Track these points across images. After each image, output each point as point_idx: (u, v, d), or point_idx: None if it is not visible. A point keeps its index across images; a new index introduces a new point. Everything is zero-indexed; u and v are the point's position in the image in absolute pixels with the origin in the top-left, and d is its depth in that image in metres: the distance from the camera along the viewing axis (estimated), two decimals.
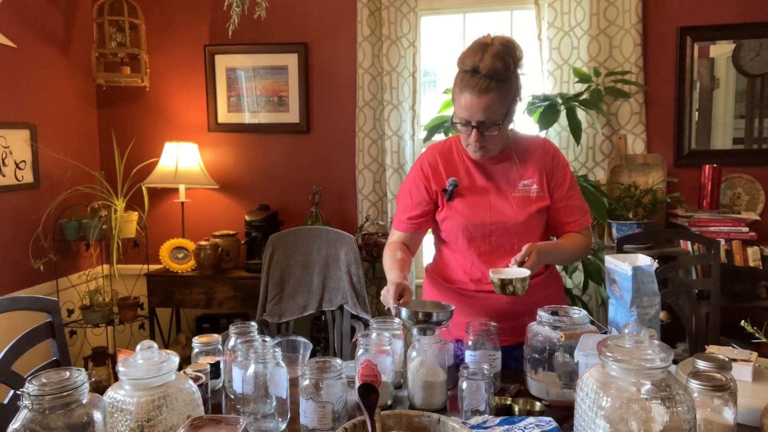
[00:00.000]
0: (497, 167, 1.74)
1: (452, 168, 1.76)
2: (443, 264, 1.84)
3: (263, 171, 3.49)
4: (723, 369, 1.15)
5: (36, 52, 3.09)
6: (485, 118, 1.59)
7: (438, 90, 3.42)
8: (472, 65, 1.58)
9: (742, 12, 3.02)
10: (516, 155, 1.74)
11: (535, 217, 1.71)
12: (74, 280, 3.34)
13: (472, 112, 1.59)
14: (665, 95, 3.12)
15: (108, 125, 3.56)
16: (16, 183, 2.94)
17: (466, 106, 1.59)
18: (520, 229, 1.70)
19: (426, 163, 1.78)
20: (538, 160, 1.74)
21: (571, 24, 3.06)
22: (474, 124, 1.60)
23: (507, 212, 1.70)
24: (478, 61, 1.57)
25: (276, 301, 2.62)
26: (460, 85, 1.61)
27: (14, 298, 1.75)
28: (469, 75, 1.59)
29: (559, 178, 1.74)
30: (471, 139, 1.63)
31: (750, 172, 3.06)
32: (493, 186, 1.73)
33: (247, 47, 3.40)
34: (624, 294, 1.47)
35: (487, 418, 1.26)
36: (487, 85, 1.56)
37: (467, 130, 1.63)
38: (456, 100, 1.64)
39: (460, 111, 1.62)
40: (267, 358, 1.31)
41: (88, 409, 0.99)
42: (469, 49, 1.62)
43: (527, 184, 1.72)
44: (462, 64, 1.62)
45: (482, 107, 1.57)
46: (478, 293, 1.74)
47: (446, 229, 1.76)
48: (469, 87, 1.58)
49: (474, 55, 1.58)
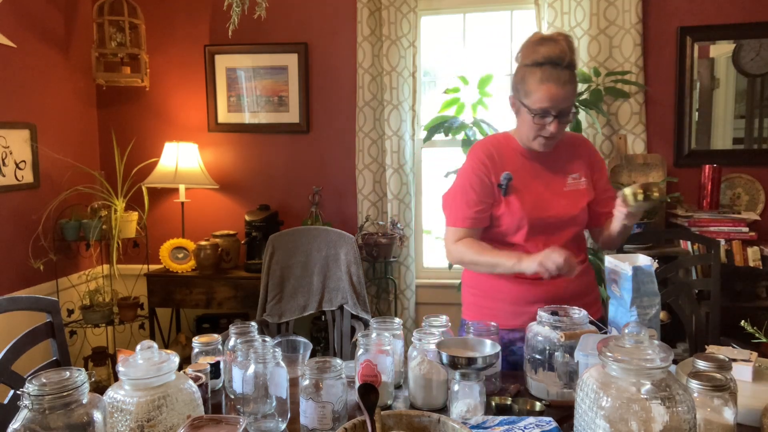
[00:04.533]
0: (547, 162, 1.78)
1: (506, 162, 1.78)
2: None
3: (263, 171, 3.49)
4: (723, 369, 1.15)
5: (36, 52, 3.09)
6: (566, 107, 1.66)
7: (438, 90, 3.42)
8: (551, 57, 1.64)
9: (742, 12, 3.02)
10: (564, 150, 1.80)
11: (585, 209, 1.78)
12: (74, 280, 3.34)
13: (555, 101, 1.64)
14: (665, 95, 3.12)
15: (108, 125, 3.56)
16: (16, 183, 2.94)
17: (549, 97, 1.64)
18: (573, 221, 1.75)
19: (484, 156, 1.78)
20: (583, 155, 1.82)
21: (571, 24, 3.06)
22: (555, 114, 1.65)
23: (562, 205, 1.75)
24: (557, 53, 1.63)
25: (276, 301, 2.62)
26: (539, 76, 1.65)
27: (14, 298, 1.75)
28: (550, 67, 1.64)
29: (599, 172, 1.84)
30: (551, 129, 1.67)
31: (750, 172, 3.06)
32: (545, 180, 1.77)
33: (247, 47, 3.40)
34: (624, 294, 1.47)
35: (487, 418, 1.25)
36: (568, 76, 1.65)
37: (545, 121, 1.67)
38: (532, 92, 1.66)
39: (539, 102, 1.65)
40: (267, 358, 1.31)
41: (88, 409, 0.99)
42: (539, 42, 1.67)
43: (575, 177, 1.79)
44: (534, 57, 1.66)
45: (565, 96, 1.65)
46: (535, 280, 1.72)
47: (506, 223, 1.76)
48: (553, 78, 1.63)
49: (552, 48, 1.64)
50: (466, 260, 1.79)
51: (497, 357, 1.37)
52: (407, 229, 3.25)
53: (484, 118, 3.03)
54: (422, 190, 3.39)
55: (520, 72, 1.70)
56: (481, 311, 1.82)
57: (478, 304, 1.85)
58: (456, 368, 1.31)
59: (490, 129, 2.95)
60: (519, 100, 1.72)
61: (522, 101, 1.70)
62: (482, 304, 1.83)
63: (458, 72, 3.19)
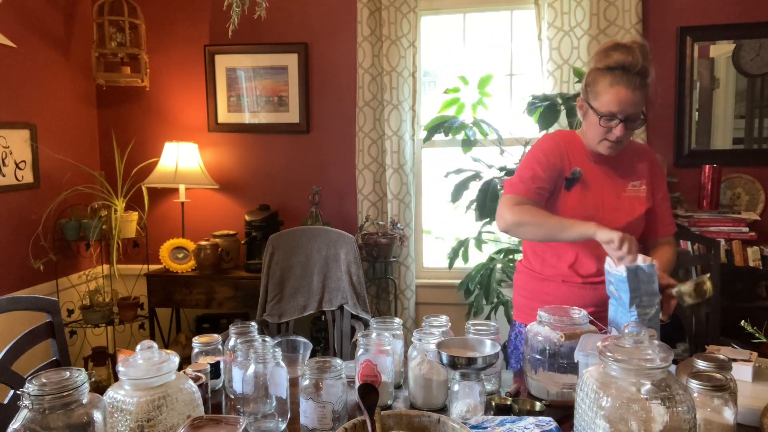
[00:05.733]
0: (610, 166, 1.79)
1: (574, 158, 1.79)
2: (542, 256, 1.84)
3: (263, 171, 3.49)
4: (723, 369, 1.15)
5: (36, 52, 3.09)
6: (634, 112, 1.67)
7: (438, 90, 3.42)
8: (623, 63, 1.65)
9: (742, 12, 3.02)
10: (627, 157, 1.81)
11: (641, 218, 1.79)
12: (74, 280, 3.34)
13: (624, 106, 1.65)
14: (665, 95, 3.11)
15: (108, 125, 3.56)
16: (16, 183, 2.94)
17: (618, 101, 1.65)
18: (628, 227, 1.74)
19: (554, 144, 1.80)
20: (645, 164, 1.83)
21: (571, 24, 3.06)
22: (621, 118, 1.66)
23: (620, 210, 1.75)
24: (630, 60, 1.65)
25: (276, 301, 2.62)
26: (609, 80, 1.66)
27: (14, 298, 1.75)
28: (621, 71, 1.65)
29: (659, 183, 1.85)
30: (616, 132, 1.68)
31: (750, 172, 3.06)
32: (608, 184, 1.78)
33: (247, 47, 3.40)
34: (622, 295, 1.47)
35: (487, 418, 1.25)
36: (639, 82, 1.65)
37: (612, 124, 1.68)
38: (601, 95, 1.67)
39: (608, 105, 1.66)
40: (267, 358, 1.31)
41: (88, 409, 0.99)
42: (613, 47, 1.69)
43: (636, 185, 1.80)
44: (606, 61, 1.68)
45: (634, 102, 1.65)
46: (584, 285, 1.76)
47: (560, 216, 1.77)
48: (623, 82, 1.64)
49: (625, 55, 1.66)
50: (527, 221, 1.69)
51: (497, 357, 1.37)
52: (407, 229, 3.25)
53: (484, 118, 3.03)
54: (422, 190, 3.39)
55: (592, 74, 1.72)
56: (531, 313, 1.81)
57: (529, 306, 1.85)
58: (456, 368, 1.31)
59: (490, 129, 2.95)
60: (587, 102, 1.73)
61: (590, 103, 1.71)
62: (532, 306, 1.82)
63: (458, 72, 3.19)
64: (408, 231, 3.25)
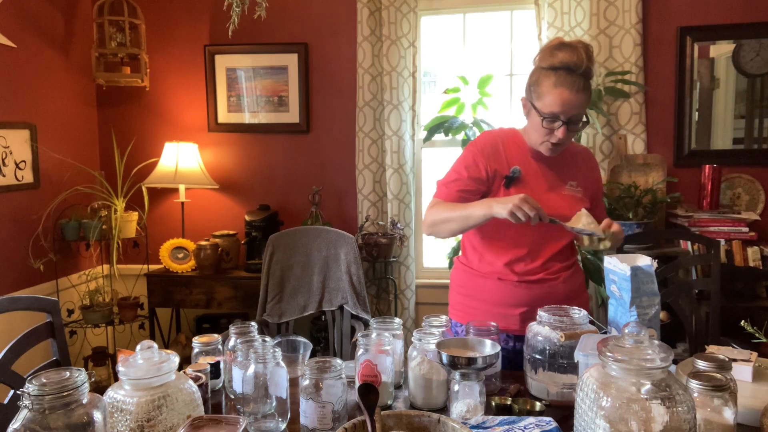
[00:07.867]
0: (551, 165, 1.79)
1: (513, 156, 1.79)
2: (481, 252, 1.83)
3: (263, 171, 3.50)
4: (723, 369, 1.15)
5: (36, 52, 3.09)
6: (576, 114, 1.66)
7: (438, 90, 3.42)
8: (568, 63, 1.63)
9: (742, 12, 3.02)
10: (567, 157, 1.82)
11: None
12: (74, 280, 3.34)
13: (567, 108, 1.64)
14: (665, 95, 3.12)
15: (108, 125, 3.56)
16: (16, 183, 2.94)
17: (561, 102, 1.63)
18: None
19: (488, 144, 1.80)
20: (583, 165, 1.85)
21: (571, 24, 3.06)
22: (564, 120, 1.65)
23: (559, 209, 1.74)
24: (575, 60, 1.63)
25: (276, 301, 2.62)
26: (553, 80, 1.65)
27: (14, 298, 1.74)
28: (565, 72, 1.64)
29: (595, 184, 1.89)
30: (558, 134, 1.67)
31: (750, 172, 3.06)
32: (547, 182, 1.78)
33: (247, 47, 3.40)
34: (623, 294, 1.47)
35: (487, 418, 1.25)
36: (583, 84, 1.65)
37: (555, 126, 1.67)
38: (544, 95, 1.66)
39: (551, 106, 1.65)
40: (267, 358, 1.31)
41: (88, 409, 0.99)
42: (557, 47, 1.67)
43: (573, 185, 1.81)
44: (551, 60, 1.66)
45: (578, 104, 1.64)
46: (520, 283, 1.75)
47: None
48: (567, 84, 1.63)
49: (570, 55, 1.64)
50: (439, 219, 1.75)
51: (497, 357, 1.37)
52: (407, 229, 3.25)
53: (484, 118, 3.04)
54: (422, 190, 3.39)
55: (535, 74, 1.71)
56: (467, 311, 1.82)
57: (465, 303, 1.85)
58: (456, 368, 1.31)
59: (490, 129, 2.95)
60: (530, 102, 1.72)
61: (533, 103, 1.70)
62: (468, 303, 1.83)
63: (458, 72, 3.19)
64: (408, 231, 3.25)
